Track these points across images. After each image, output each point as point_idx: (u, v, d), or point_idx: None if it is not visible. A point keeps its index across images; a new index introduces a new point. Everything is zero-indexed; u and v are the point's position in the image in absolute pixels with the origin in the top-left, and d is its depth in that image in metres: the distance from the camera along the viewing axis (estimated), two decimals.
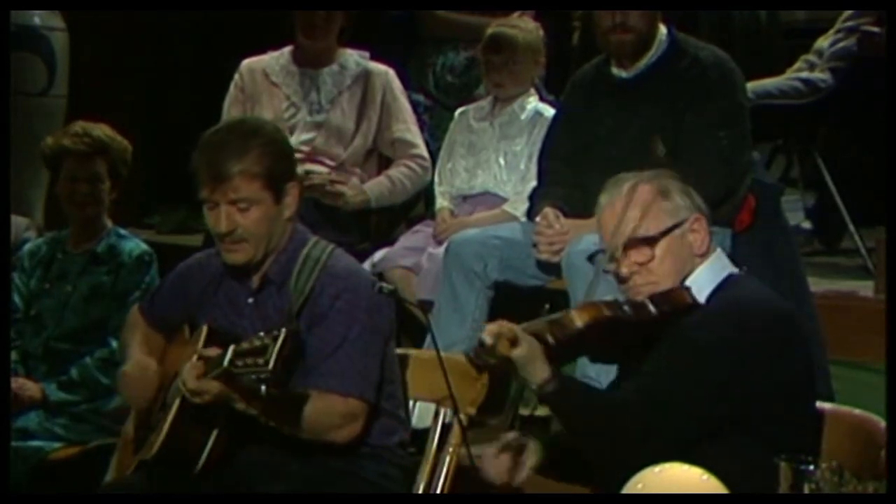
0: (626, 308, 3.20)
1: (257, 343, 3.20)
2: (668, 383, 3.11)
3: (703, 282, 3.24)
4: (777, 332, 3.16)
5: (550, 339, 3.15)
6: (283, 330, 3.19)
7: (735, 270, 3.30)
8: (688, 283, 3.24)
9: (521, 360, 3.13)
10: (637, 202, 3.26)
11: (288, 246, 3.57)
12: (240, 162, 3.45)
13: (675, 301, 3.20)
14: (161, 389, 3.64)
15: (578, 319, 3.16)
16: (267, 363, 3.16)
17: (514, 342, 3.11)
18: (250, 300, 3.59)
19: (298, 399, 3.39)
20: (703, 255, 3.27)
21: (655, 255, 3.23)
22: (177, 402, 3.43)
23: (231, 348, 3.25)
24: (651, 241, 3.23)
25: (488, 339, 3.12)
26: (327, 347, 3.45)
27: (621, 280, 3.27)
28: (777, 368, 3.12)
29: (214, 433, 3.40)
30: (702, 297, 3.22)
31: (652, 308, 3.18)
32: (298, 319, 3.45)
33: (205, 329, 3.53)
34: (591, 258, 3.42)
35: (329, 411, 3.44)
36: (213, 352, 3.36)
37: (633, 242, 3.24)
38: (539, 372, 3.13)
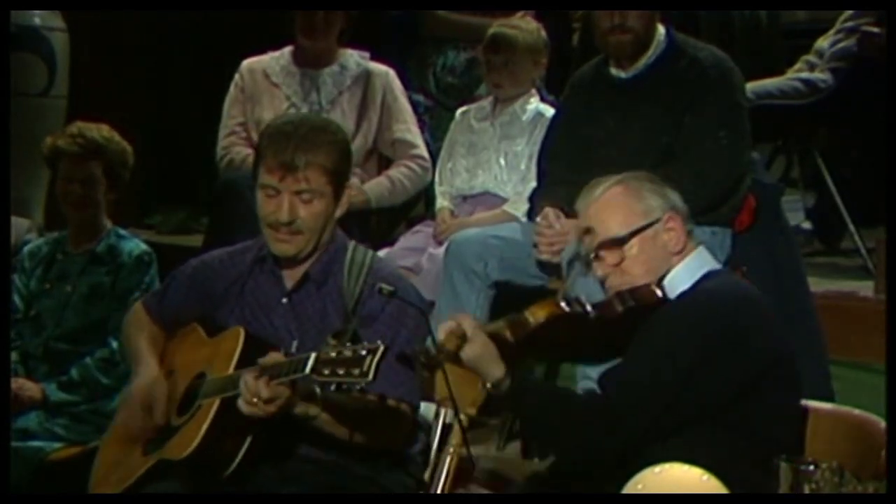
0: (587, 305, 3.21)
1: (347, 354, 3.14)
2: (631, 378, 3.12)
3: (679, 280, 3.26)
4: (739, 319, 3.15)
5: (509, 337, 3.16)
6: (380, 344, 3.15)
7: (716, 267, 3.32)
8: (666, 281, 3.25)
9: (471, 360, 3.14)
10: (607, 205, 3.30)
11: (330, 247, 3.59)
12: (314, 154, 3.47)
13: (643, 298, 3.21)
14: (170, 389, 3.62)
15: (534, 316, 3.17)
16: (366, 374, 3.10)
17: (463, 339, 3.12)
18: (284, 300, 3.59)
19: (367, 404, 3.37)
20: (680, 253, 3.28)
21: (627, 256, 3.26)
22: (215, 406, 3.39)
23: (313, 356, 3.18)
24: (621, 242, 3.26)
25: (439, 335, 3.14)
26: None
27: (601, 282, 3.29)
28: (741, 355, 3.12)
29: (249, 438, 3.38)
30: (676, 294, 3.23)
31: (618, 305, 3.21)
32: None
33: (242, 333, 3.50)
34: (571, 262, 3.43)
35: (386, 416, 3.43)
36: (274, 359, 3.30)
37: (604, 244, 3.27)
38: (492, 371, 3.14)
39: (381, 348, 3.13)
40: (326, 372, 3.15)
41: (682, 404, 3.07)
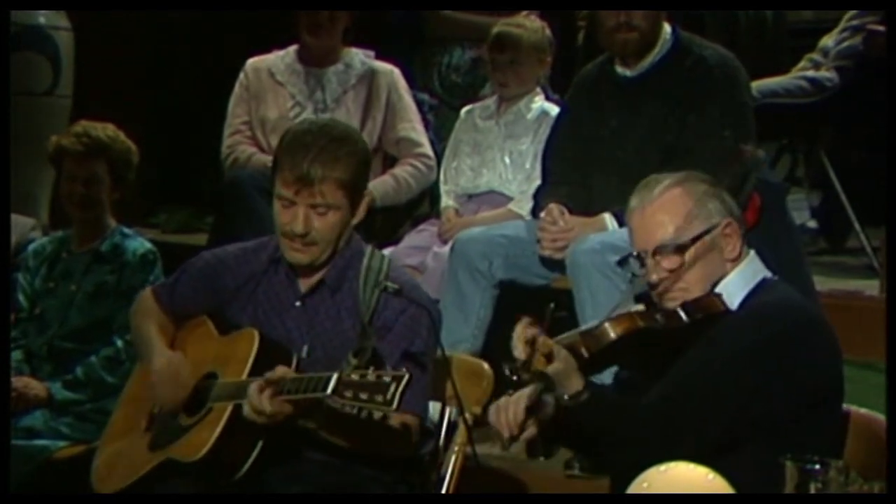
0: (658, 317, 3.15)
1: (371, 379, 3.12)
2: (694, 389, 3.06)
3: (734, 287, 3.18)
4: (804, 337, 3.11)
5: (584, 352, 3.12)
6: (405, 372, 3.13)
7: (769, 274, 3.24)
8: (719, 288, 3.18)
9: (557, 376, 3.09)
10: (667, 207, 3.19)
11: (346, 252, 3.57)
12: (330, 169, 3.43)
13: (707, 309, 3.15)
14: None
15: (612, 331, 3.12)
16: (389, 403, 3.08)
17: (549, 358, 3.07)
18: (298, 303, 3.57)
19: (370, 422, 3.35)
20: (735, 260, 3.20)
21: (685, 262, 3.16)
22: (228, 410, 3.39)
23: (335, 377, 3.16)
24: (681, 248, 3.16)
25: (522, 355, 3.08)
26: (390, 361, 3.41)
27: (651, 286, 3.20)
28: (803, 374, 3.07)
29: (260, 444, 3.37)
30: (734, 302, 3.16)
31: (684, 316, 3.14)
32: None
33: (257, 337, 3.48)
34: (620, 263, 3.34)
35: (390, 431, 3.41)
36: (281, 373, 3.29)
37: (663, 249, 3.17)
38: (573, 385, 3.10)
39: (406, 377, 3.11)
40: (348, 395, 3.14)
41: (740, 421, 3.03)
